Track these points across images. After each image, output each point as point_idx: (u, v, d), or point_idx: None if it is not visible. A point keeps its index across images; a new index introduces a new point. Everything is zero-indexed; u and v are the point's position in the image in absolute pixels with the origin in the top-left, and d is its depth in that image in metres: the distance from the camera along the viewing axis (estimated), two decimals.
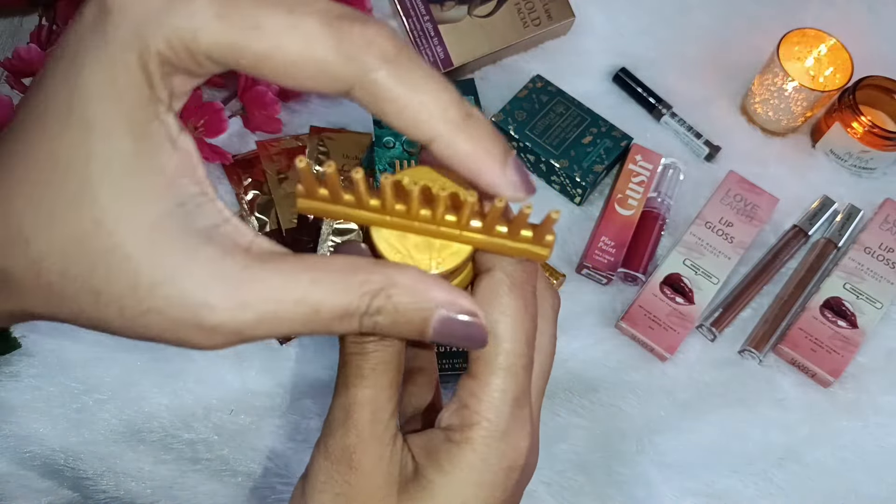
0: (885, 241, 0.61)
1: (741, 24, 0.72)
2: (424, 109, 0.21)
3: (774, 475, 0.55)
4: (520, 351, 0.26)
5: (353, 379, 0.27)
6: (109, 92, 0.20)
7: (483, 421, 0.26)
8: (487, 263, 0.27)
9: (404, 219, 0.24)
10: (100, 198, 0.20)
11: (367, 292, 0.22)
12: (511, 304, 0.26)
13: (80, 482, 0.52)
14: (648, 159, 0.63)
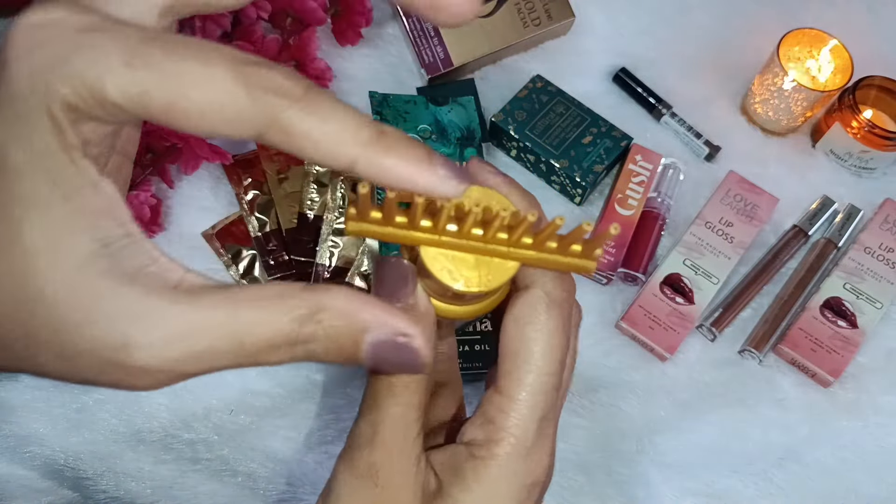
0: (885, 241, 0.61)
1: (741, 23, 0.72)
2: (338, 136, 0.21)
3: (774, 475, 0.55)
4: (552, 370, 0.26)
5: (384, 396, 0.27)
6: (21, 140, 0.20)
7: (510, 437, 0.26)
8: (526, 280, 0.27)
9: (456, 238, 0.25)
10: (23, 240, 0.20)
11: (295, 318, 0.21)
12: (548, 323, 0.26)
13: (79, 482, 0.52)
14: (648, 159, 0.63)
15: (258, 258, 0.59)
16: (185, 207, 0.60)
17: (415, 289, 0.26)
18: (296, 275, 0.58)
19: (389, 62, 0.68)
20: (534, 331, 0.26)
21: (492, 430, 0.26)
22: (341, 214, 0.59)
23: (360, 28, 0.66)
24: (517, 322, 0.27)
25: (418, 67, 0.66)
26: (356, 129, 0.21)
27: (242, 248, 0.59)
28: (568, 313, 0.27)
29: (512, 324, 0.27)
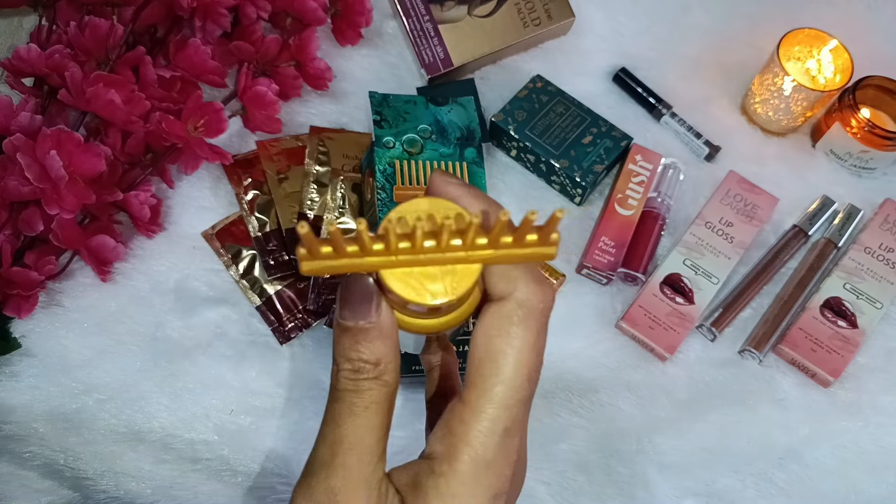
0: (884, 241, 0.61)
1: (741, 23, 0.72)
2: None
3: (774, 475, 0.55)
4: (519, 384, 0.26)
5: (344, 417, 0.26)
6: None
7: (469, 449, 0.26)
8: (502, 292, 0.26)
9: (410, 255, 0.25)
10: None
11: None
12: (519, 335, 0.26)
13: (80, 482, 0.52)
14: (648, 159, 0.63)
15: (258, 258, 0.59)
16: (185, 207, 0.60)
17: (378, 306, 0.26)
18: (296, 274, 0.58)
19: (389, 62, 0.68)
20: (503, 343, 0.26)
21: (452, 442, 0.26)
22: (341, 214, 0.59)
23: (360, 28, 0.66)
24: (487, 332, 0.26)
25: (418, 67, 0.66)
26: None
27: (242, 248, 0.59)
28: (543, 325, 0.26)
29: (482, 334, 0.26)
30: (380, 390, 0.27)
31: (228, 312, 0.57)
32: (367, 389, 0.26)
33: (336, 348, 0.27)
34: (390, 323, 0.27)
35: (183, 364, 0.55)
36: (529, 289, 0.26)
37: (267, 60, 0.62)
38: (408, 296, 0.25)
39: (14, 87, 0.57)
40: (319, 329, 0.58)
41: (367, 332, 0.26)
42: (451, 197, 0.27)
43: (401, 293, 0.25)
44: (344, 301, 0.26)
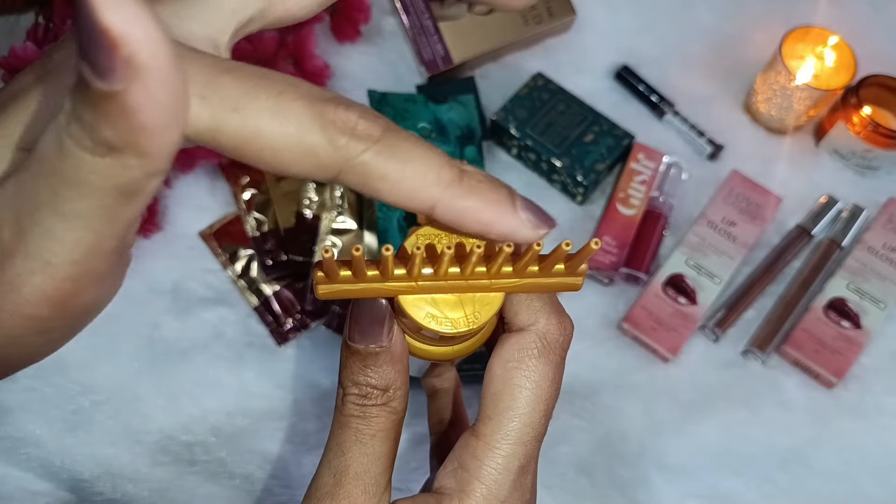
0: (888, 240, 0.61)
1: (744, 21, 0.71)
2: (418, 179, 0.20)
3: (777, 477, 0.55)
4: (536, 420, 0.25)
5: (350, 445, 0.25)
6: None
7: (482, 487, 0.25)
8: (521, 323, 0.25)
9: (432, 281, 0.24)
10: None
11: None
12: (539, 369, 0.25)
13: (76, 484, 0.51)
14: (651, 158, 0.63)
15: (256, 258, 0.58)
16: (182, 207, 0.60)
17: (391, 330, 0.25)
18: (294, 275, 0.58)
19: (389, 59, 0.67)
20: (521, 377, 0.25)
21: (465, 478, 0.25)
22: (340, 213, 0.59)
23: (358, 25, 0.66)
24: (505, 364, 0.25)
25: (418, 65, 0.66)
26: (438, 169, 0.20)
27: (240, 248, 0.59)
28: (561, 359, 0.25)
29: (500, 365, 0.25)
30: (388, 418, 0.25)
31: (226, 313, 0.57)
32: (375, 416, 0.25)
33: (343, 371, 0.26)
34: (402, 348, 0.26)
35: (180, 365, 0.55)
36: (551, 321, 0.25)
37: (265, 58, 0.61)
38: (426, 324, 0.24)
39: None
40: (318, 330, 0.57)
41: (377, 357, 0.25)
42: None
43: (419, 320, 0.24)
44: (354, 322, 0.25)
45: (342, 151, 0.20)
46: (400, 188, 0.20)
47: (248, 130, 0.19)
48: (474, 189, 0.21)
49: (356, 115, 0.20)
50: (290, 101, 0.19)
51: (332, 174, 0.20)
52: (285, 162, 0.20)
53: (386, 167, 0.20)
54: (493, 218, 0.21)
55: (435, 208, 0.21)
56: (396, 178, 0.20)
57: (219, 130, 0.19)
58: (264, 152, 0.19)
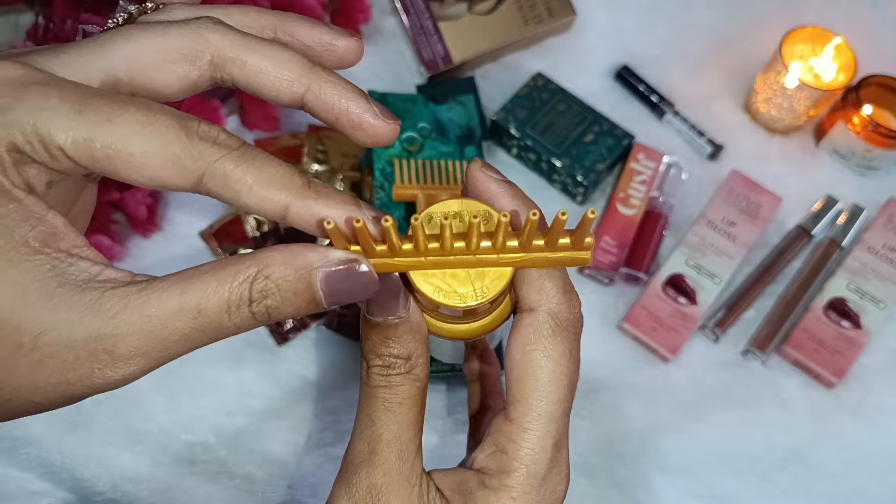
0: (888, 240, 0.61)
1: (744, 21, 0.71)
2: (272, 182, 0.23)
3: (777, 477, 0.55)
4: (562, 396, 0.26)
5: (380, 413, 0.26)
6: None
7: (522, 468, 0.26)
8: (530, 300, 0.26)
9: (440, 255, 0.24)
10: None
11: (245, 279, 0.22)
12: (556, 347, 0.26)
13: (77, 484, 0.51)
14: (651, 158, 0.63)
15: None
16: (181, 207, 0.60)
17: (406, 303, 0.26)
18: None
19: (389, 60, 0.67)
20: (541, 356, 0.26)
21: (504, 460, 0.26)
22: None
23: (358, 25, 0.66)
24: (523, 347, 0.26)
25: (418, 65, 0.66)
26: (290, 176, 0.23)
27: (240, 248, 0.59)
28: (576, 335, 0.26)
29: (517, 349, 0.26)
30: (412, 385, 0.27)
31: None
32: (400, 385, 0.26)
33: (365, 345, 0.27)
34: (419, 318, 0.27)
35: (180, 365, 0.55)
36: (559, 299, 0.26)
37: None
38: (437, 298, 0.25)
39: None
40: (318, 330, 0.57)
41: (396, 328, 0.26)
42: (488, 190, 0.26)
43: (430, 295, 0.25)
44: (373, 299, 0.26)
45: (204, 156, 0.22)
46: (255, 191, 0.22)
47: (120, 139, 0.21)
48: (321, 194, 0.23)
49: (217, 129, 0.23)
50: (158, 115, 0.22)
51: (194, 179, 0.22)
52: (152, 167, 0.22)
53: (244, 171, 0.22)
54: (338, 214, 0.23)
55: (288, 210, 0.23)
56: (253, 180, 0.22)
57: (93, 140, 0.21)
58: (134, 159, 0.22)
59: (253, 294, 0.22)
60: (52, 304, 0.21)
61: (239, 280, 0.22)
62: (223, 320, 0.22)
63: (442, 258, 0.24)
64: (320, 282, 0.23)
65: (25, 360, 0.21)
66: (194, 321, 0.22)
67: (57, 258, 0.22)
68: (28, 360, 0.21)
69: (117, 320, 0.21)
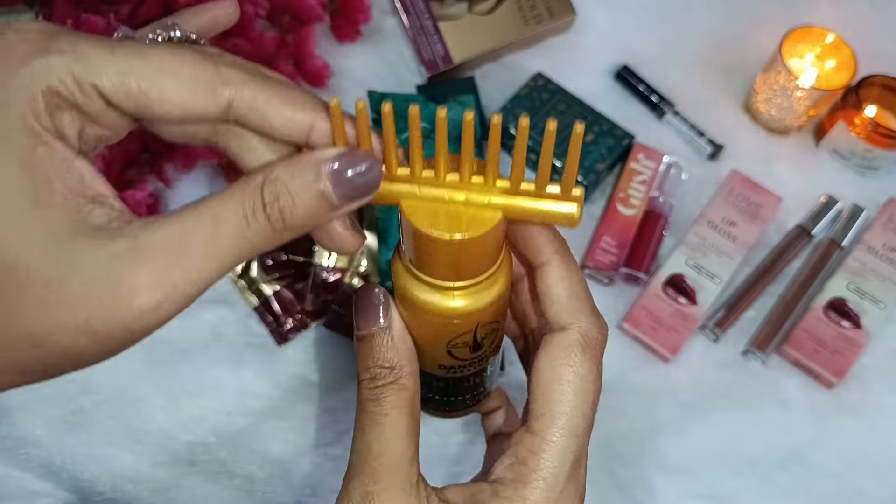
0: (888, 240, 0.61)
1: (744, 21, 0.71)
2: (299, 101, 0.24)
3: (777, 477, 0.55)
4: (585, 412, 0.26)
5: (368, 427, 0.27)
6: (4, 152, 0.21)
7: (540, 480, 0.26)
8: (564, 322, 0.27)
9: (433, 185, 0.26)
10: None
11: (255, 186, 0.23)
12: (584, 364, 0.26)
13: (77, 484, 0.52)
14: (651, 158, 0.63)
15: (256, 258, 0.58)
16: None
17: (388, 312, 0.28)
18: (294, 275, 0.58)
19: (389, 60, 0.67)
20: (569, 372, 0.26)
21: (523, 471, 0.26)
22: None
23: (358, 25, 0.66)
24: (552, 363, 0.27)
25: (418, 65, 0.66)
26: (311, 98, 0.25)
27: None
28: (601, 356, 0.27)
29: (546, 363, 0.27)
30: (398, 394, 0.27)
31: (226, 313, 0.57)
32: (385, 396, 0.27)
33: (358, 364, 0.28)
34: (401, 328, 0.28)
35: (180, 365, 0.55)
36: (590, 321, 0.27)
37: (265, 58, 0.61)
38: (425, 228, 0.25)
39: None
40: (318, 330, 0.57)
41: (380, 338, 0.28)
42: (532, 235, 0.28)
43: (420, 226, 0.25)
44: (357, 313, 0.28)
45: (233, 81, 0.23)
46: (283, 111, 0.24)
47: (153, 72, 0.22)
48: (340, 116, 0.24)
49: (240, 59, 0.24)
50: (183, 50, 0.23)
51: (224, 103, 0.23)
52: (185, 97, 0.23)
53: (271, 93, 0.24)
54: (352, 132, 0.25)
55: (312, 127, 0.24)
56: (280, 101, 0.24)
57: (127, 75, 0.22)
58: (167, 90, 0.22)
59: (265, 197, 0.23)
60: (75, 245, 0.21)
61: (250, 187, 0.23)
62: (243, 229, 0.23)
63: (436, 189, 0.25)
64: (326, 175, 0.23)
65: (52, 299, 0.21)
66: (215, 231, 0.22)
67: (82, 204, 0.22)
68: (55, 299, 0.21)
69: (138, 249, 0.22)
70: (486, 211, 0.25)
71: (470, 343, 0.29)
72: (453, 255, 0.26)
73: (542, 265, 0.28)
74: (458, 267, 0.26)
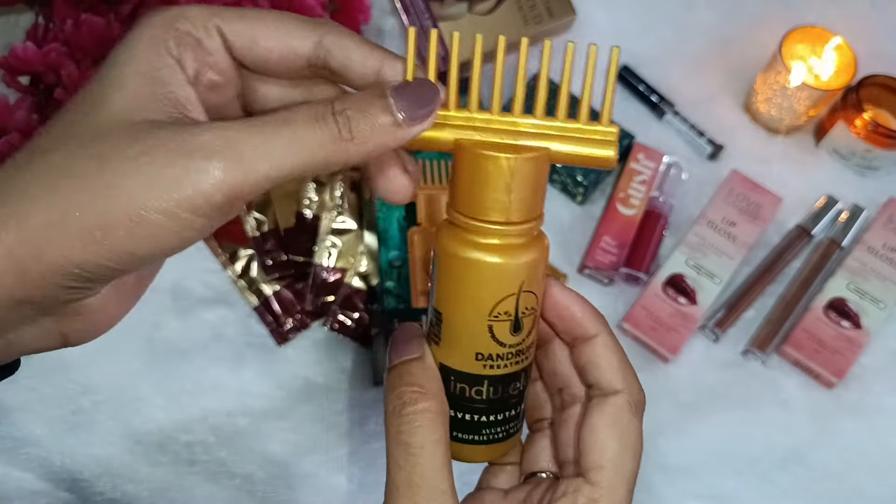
0: (888, 240, 0.61)
1: (744, 21, 0.71)
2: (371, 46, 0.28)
3: (777, 477, 0.55)
4: (635, 468, 0.29)
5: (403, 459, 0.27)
6: (129, 47, 0.26)
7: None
8: (617, 386, 0.30)
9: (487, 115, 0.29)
10: (107, 101, 0.25)
11: (326, 99, 0.26)
12: (635, 426, 0.29)
13: (76, 484, 0.52)
14: (651, 158, 0.63)
15: (256, 258, 0.58)
16: None
17: (421, 346, 0.29)
18: (294, 275, 0.58)
19: None
20: (626, 431, 0.29)
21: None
22: (340, 213, 0.59)
23: (358, 25, 0.65)
24: (610, 420, 0.29)
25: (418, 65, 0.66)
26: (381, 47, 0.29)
27: (240, 248, 0.59)
28: (642, 414, 0.30)
29: (602, 422, 0.29)
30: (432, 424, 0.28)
31: (226, 313, 0.57)
32: (418, 426, 0.27)
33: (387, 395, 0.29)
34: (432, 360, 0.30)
35: (180, 365, 0.55)
36: (638, 387, 0.30)
37: None
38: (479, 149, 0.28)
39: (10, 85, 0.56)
40: (318, 330, 0.57)
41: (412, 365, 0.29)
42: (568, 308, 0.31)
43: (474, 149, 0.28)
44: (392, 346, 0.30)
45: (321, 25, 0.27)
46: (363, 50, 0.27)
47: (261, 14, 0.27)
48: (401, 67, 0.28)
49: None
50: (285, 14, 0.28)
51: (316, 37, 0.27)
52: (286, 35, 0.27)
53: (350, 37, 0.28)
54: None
55: (382, 67, 0.28)
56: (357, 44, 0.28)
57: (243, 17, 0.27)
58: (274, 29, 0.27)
59: (335, 107, 0.25)
60: (163, 131, 0.24)
61: (320, 101, 0.26)
62: (312, 130, 0.25)
63: (487, 128, 0.29)
64: (391, 92, 0.26)
65: (153, 173, 0.23)
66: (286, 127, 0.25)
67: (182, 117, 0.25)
68: (156, 173, 0.23)
69: (215, 130, 0.24)
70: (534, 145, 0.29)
71: (512, 317, 0.29)
72: (504, 181, 0.27)
73: (592, 337, 0.30)
74: (506, 201, 0.28)
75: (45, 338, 0.26)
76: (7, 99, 0.53)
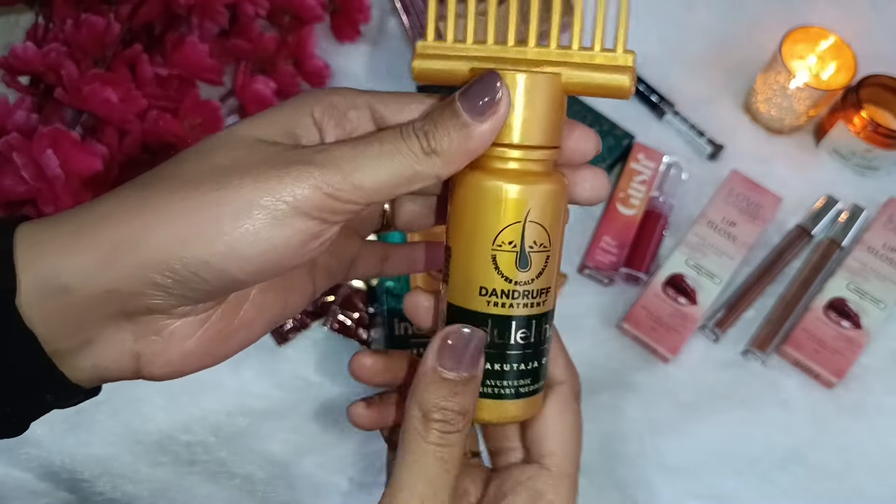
0: (888, 240, 0.61)
1: (744, 21, 0.71)
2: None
3: (777, 477, 0.55)
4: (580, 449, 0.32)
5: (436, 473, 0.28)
6: (275, 110, 0.29)
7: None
8: (559, 377, 0.32)
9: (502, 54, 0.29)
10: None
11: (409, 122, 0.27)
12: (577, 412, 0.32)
13: (76, 484, 0.52)
14: (651, 158, 0.63)
15: None
16: None
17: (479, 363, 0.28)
18: None
19: (389, 60, 0.67)
20: (572, 417, 0.32)
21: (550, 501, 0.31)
22: None
23: (358, 25, 0.66)
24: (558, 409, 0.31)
25: None
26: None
27: None
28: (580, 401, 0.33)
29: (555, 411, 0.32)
30: (461, 445, 0.28)
31: None
32: (453, 445, 0.28)
33: (424, 396, 0.28)
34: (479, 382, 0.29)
35: None
36: (575, 375, 0.33)
37: (265, 58, 0.61)
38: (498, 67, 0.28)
39: (10, 85, 0.56)
40: (318, 330, 0.57)
41: (466, 384, 0.28)
42: None
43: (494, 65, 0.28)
44: (450, 352, 0.28)
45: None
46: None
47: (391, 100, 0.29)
48: None
49: None
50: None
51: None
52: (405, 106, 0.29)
53: None
54: None
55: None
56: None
57: (374, 104, 0.29)
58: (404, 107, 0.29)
59: (415, 125, 0.27)
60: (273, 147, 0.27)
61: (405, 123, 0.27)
62: (398, 144, 0.26)
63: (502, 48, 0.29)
64: (458, 96, 0.27)
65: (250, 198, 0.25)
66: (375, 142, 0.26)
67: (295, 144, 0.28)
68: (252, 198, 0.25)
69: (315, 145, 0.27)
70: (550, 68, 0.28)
71: (517, 248, 0.27)
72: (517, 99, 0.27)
73: None
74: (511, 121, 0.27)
75: (121, 358, 0.27)
76: (7, 99, 0.53)
